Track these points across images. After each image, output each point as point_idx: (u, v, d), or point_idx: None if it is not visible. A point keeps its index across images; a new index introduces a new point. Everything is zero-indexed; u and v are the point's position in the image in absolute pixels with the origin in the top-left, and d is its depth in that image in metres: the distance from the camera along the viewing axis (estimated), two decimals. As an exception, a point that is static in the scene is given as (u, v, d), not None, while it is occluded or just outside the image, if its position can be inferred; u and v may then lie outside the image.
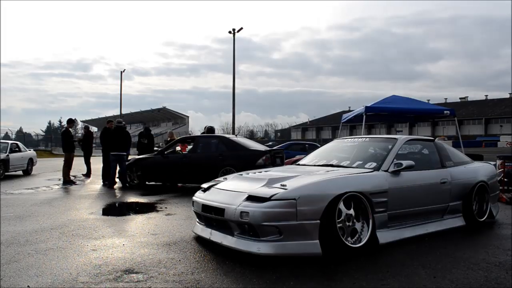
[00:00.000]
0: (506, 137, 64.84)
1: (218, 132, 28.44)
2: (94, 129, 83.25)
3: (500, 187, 8.01)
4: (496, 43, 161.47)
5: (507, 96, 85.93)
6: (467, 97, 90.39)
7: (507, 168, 9.14)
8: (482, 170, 6.33)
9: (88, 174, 14.39)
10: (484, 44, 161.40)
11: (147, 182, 11.42)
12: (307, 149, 19.74)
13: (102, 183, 11.95)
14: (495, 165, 7.51)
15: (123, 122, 12.09)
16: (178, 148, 12.22)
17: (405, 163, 4.99)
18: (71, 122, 13.82)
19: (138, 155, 12.61)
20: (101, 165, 12.40)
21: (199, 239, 4.96)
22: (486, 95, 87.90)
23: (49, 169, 18.84)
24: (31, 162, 16.53)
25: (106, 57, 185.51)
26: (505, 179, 8.85)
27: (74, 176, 13.71)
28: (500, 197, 7.56)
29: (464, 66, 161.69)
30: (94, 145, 18.03)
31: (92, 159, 14.85)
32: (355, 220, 4.45)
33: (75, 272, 3.74)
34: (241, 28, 34.43)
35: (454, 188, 5.61)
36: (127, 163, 11.30)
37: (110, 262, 4.06)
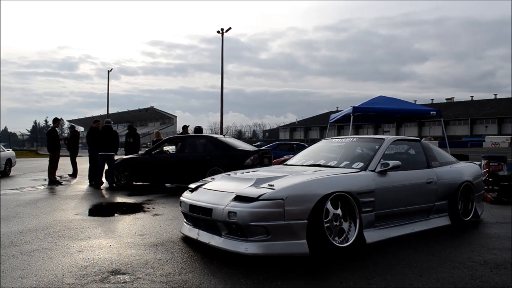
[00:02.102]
0: (491, 137, 65.74)
1: (206, 132, 28.39)
2: (80, 128, 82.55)
3: (485, 187, 8.11)
4: (481, 44, 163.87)
5: (492, 97, 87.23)
6: (453, 98, 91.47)
7: (492, 168, 9.26)
8: (467, 170, 6.40)
9: (74, 174, 14.23)
10: (469, 46, 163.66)
11: (134, 182, 11.35)
12: (295, 149, 19.77)
13: (88, 183, 11.84)
14: (480, 165, 7.60)
15: (112, 122, 12.01)
16: (165, 147, 12.17)
17: (391, 163, 5.03)
18: (57, 121, 13.65)
19: (125, 154, 12.52)
20: (88, 165, 12.29)
21: (186, 240, 4.94)
22: (472, 96, 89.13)
23: (35, 169, 18.61)
24: (9, 162, 15.93)
25: (92, 56, 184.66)
26: (490, 179, 8.96)
27: (60, 176, 13.57)
28: (485, 196, 7.65)
29: (450, 67, 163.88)
30: (80, 145, 17.86)
31: (78, 159, 14.70)
32: (342, 220, 4.47)
33: (60, 274, 3.70)
34: (230, 28, 34.42)
35: (440, 188, 5.66)
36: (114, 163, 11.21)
37: (96, 263, 4.02)
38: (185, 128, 14.47)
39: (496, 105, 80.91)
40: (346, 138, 6.41)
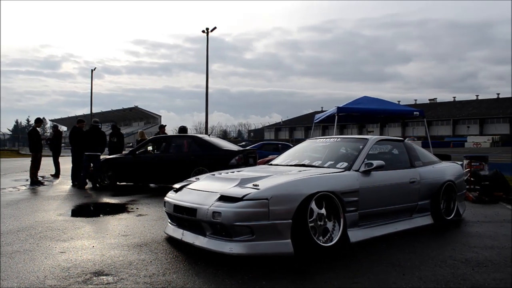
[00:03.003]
0: (473, 137, 66.82)
1: (191, 132, 28.26)
2: (63, 128, 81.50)
3: (467, 186, 8.23)
4: (463, 46, 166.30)
5: (474, 98, 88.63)
6: (436, 98, 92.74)
7: (474, 168, 9.41)
8: (449, 169, 6.49)
9: (56, 175, 14.06)
10: (452, 47, 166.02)
11: (118, 183, 11.25)
12: (280, 149, 19.80)
13: (71, 184, 11.70)
14: (462, 165, 7.71)
15: (99, 122, 11.91)
16: (150, 147, 12.09)
17: (375, 163, 5.07)
18: (39, 122, 13.45)
19: (109, 154, 12.41)
20: (71, 165, 12.13)
21: (170, 240, 4.91)
22: (454, 97, 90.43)
23: (16, 169, 18.30)
24: None
25: (75, 55, 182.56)
26: (472, 179, 9.10)
27: (42, 177, 13.38)
28: (466, 196, 7.77)
29: (433, 68, 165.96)
30: (63, 144, 17.62)
31: (60, 159, 14.52)
32: (326, 220, 4.49)
33: (42, 275, 3.65)
34: (215, 28, 34.34)
35: (422, 188, 5.73)
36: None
37: (79, 265, 3.97)
38: (161, 128, 14.26)
39: (478, 105, 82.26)
40: (331, 138, 6.45)
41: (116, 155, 11.79)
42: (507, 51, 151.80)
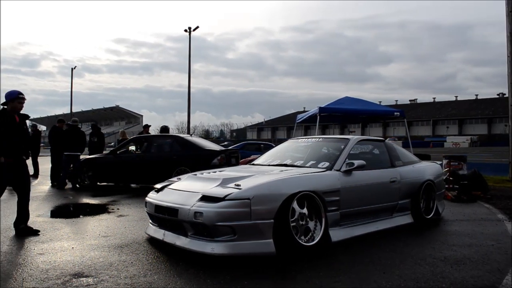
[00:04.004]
0: (452, 137, 67.97)
1: (172, 131, 28.07)
2: (42, 128, 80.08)
3: (446, 186, 8.36)
4: (443, 48, 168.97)
5: (453, 98, 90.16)
6: (416, 99, 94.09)
7: (453, 168, 9.56)
8: (429, 169, 6.58)
9: (35, 175, 13.81)
10: (432, 49, 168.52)
11: (98, 183, 11.12)
12: (262, 149, 19.81)
13: (50, 184, 11.51)
14: (441, 164, 7.83)
15: (78, 121, 11.75)
16: (131, 147, 11.97)
17: (356, 162, 5.11)
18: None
19: (89, 154, 12.25)
20: (50, 165, 11.94)
21: (152, 241, 4.87)
22: (434, 98, 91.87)
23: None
24: None
25: (54, 53, 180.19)
26: (451, 178, 9.25)
27: (21, 177, 13.11)
28: (445, 195, 7.89)
29: (413, 69, 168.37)
30: (42, 144, 17.34)
31: (40, 159, 14.28)
32: (308, 219, 4.51)
33: (20, 278, 3.58)
34: (197, 27, 34.25)
35: (403, 187, 5.80)
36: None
37: (58, 266, 3.91)
38: (146, 127, 14.19)
39: (457, 106, 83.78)
40: (313, 138, 6.48)
41: (96, 155, 11.65)
42: (485, 53, 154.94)
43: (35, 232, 5.27)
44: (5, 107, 5.25)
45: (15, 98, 5.22)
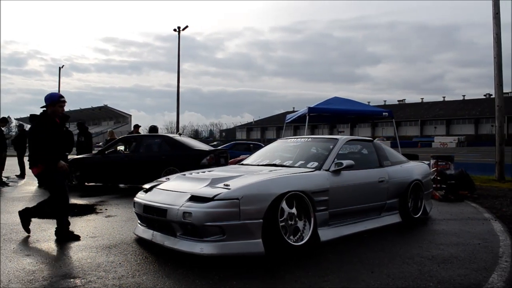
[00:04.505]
0: (440, 138, 68.64)
1: (161, 131, 27.96)
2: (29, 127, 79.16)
3: (434, 185, 8.43)
4: (430, 48, 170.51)
5: (441, 99, 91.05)
6: (404, 99, 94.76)
7: (440, 167, 9.64)
8: (417, 169, 6.63)
9: (22, 175, 13.68)
10: (420, 50, 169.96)
11: (86, 183, 11.03)
12: (251, 149, 19.82)
13: (37, 185, 11.38)
14: (429, 164, 7.89)
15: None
16: (119, 147, 11.89)
17: (345, 162, 5.13)
18: (4, 121, 13.01)
19: (77, 154, 12.14)
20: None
21: (140, 241, 4.84)
22: (422, 98, 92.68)
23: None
24: None
25: (42, 52, 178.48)
26: (438, 178, 9.33)
27: (7, 177, 12.97)
28: (433, 194, 7.96)
29: (402, 70, 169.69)
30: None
31: (26, 159, 14.10)
32: (297, 219, 4.51)
33: (6, 279, 3.54)
34: (187, 26, 34.15)
35: (391, 187, 5.84)
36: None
37: (45, 267, 3.87)
38: (136, 127, 14.11)
39: (445, 107, 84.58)
40: (302, 138, 6.49)
41: (84, 155, 11.55)
42: (472, 54, 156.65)
43: (77, 238, 5.02)
44: (45, 109, 5.05)
45: (56, 102, 5.02)
